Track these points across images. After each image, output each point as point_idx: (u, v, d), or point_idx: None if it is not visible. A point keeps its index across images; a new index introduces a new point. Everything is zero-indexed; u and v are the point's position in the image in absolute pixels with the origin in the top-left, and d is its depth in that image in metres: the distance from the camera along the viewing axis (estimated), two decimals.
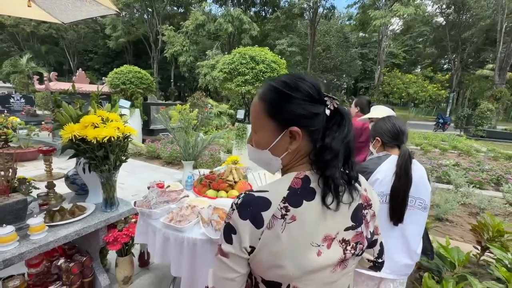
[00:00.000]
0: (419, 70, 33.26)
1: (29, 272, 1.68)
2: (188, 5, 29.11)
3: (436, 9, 26.66)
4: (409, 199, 1.26)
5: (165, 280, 2.10)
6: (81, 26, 29.04)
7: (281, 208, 0.54)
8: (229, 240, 0.56)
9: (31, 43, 28.15)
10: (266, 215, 0.54)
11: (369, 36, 28.97)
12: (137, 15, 27.92)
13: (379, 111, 2.26)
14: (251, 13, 24.30)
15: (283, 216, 0.54)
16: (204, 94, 10.17)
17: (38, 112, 13.76)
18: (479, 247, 2.45)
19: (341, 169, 0.58)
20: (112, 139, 1.55)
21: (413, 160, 1.29)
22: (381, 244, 0.76)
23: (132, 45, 30.52)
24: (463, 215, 3.62)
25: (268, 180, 2.10)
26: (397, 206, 1.26)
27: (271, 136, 0.60)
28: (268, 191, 0.57)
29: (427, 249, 1.58)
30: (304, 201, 0.55)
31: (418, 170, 1.34)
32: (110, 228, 1.82)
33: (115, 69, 6.75)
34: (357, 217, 0.62)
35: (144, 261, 2.22)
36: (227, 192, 1.82)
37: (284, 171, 0.65)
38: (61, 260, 1.76)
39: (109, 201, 1.74)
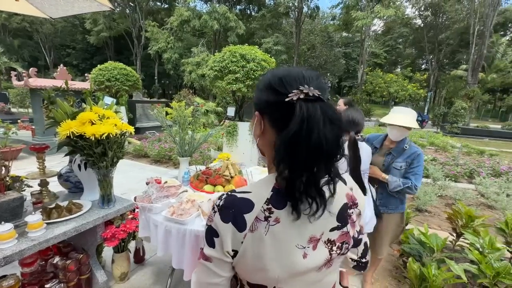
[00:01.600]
0: (399, 70, 34.62)
1: (23, 271, 1.65)
2: (172, 0, 28.48)
3: (415, 11, 27.77)
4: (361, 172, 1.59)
5: (161, 275, 2.13)
6: (57, 19, 27.61)
7: (264, 210, 0.52)
8: (211, 244, 0.54)
9: (2, 36, 26.46)
10: (249, 217, 0.52)
11: (352, 36, 29.72)
12: (118, 9, 26.95)
13: (391, 116, 1.97)
14: (237, 10, 24.19)
15: (266, 218, 0.52)
16: (191, 91, 10.06)
17: (13, 110, 13.04)
18: (454, 234, 2.67)
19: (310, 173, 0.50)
20: (111, 135, 1.56)
21: (359, 143, 1.64)
22: (365, 243, 0.73)
23: (113, 40, 29.46)
24: (440, 206, 3.89)
25: (255, 178, 2.17)
26: (355, 179, 1.49)
27: (253, 123, 0.61)
28: (251, 192, 0.55)
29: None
30: (288, 202, 0.52)
31: (364, 150, 1.73)
32: (107, 225, 1.83)
33: (98, 65, 6.55)
34: (343, 217, 0.59)
35: (139, 257, 2.23)
36: (224, 187, 1.88)
37: (269, 168, 0.62)
38: (57, 258, 1.74)
39: (106, 198, 1.74)
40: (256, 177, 2.18)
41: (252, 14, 26.56)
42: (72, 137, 1.49)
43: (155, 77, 28.31)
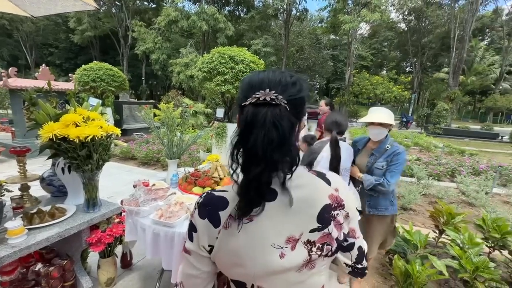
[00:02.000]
0: (385, 72, 35.60)
1: (3, 280, 1.59)
2: (159, 0, 28.08)
3: (399, 15, 28.65)
4: (341, 169, 1.74)
5: (149, 280, 2.09)
6: (39, 18, 26.59)
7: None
8: (190, 238, 0.58)
9: None
10: (223, 214, 0.55)
11: (339, 39, 30.29)
12: (104, 8, 26.30)
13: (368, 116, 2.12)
14: (225, 12, 24.14)
15: (240, 216, 0.53)
16: (179, 92, 9.94)
17: None
18: (437, 231, 2.77)
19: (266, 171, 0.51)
20: (96, 138, 1.53)
21: (341, 143, 1.76)
22: (359, 248, 0.69)
23: (99, 40, 28.69)
24: (424, 204, 4.02)
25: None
26: None
27: None
28: (228, 190, 0.58)
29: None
30: (265, 202, 0.54)
31: (344, 149, 1.82)
32: (93, 229, 1.78)
33: (83, 65, 6.36)
34: (324, 218, 0.58)
35: (127, 262, 2.19)
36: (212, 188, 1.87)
37: None
38: (39, 265, 1.68)
39: (92, 202, 1.70)
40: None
41: (241, 15, 26.59)
42: (55, 140, 1.45)
43: (143, 78, 27.79)
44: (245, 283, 0.57)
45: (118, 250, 2.16)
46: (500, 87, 26.70)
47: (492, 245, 2.52)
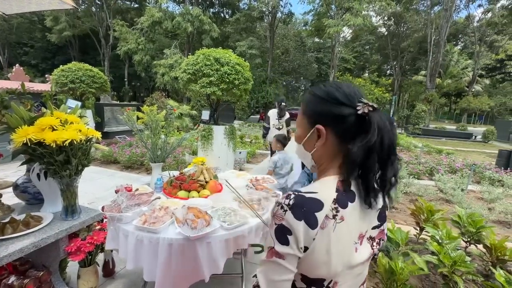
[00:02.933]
0: (367, 74, 36.71)
1: None
2: (142, 0, 27.50)
3: (379, 20, 29.71)
4: None
5: None
6: (12, 15, 25.20)
7: (332, 208, 0.57)
8: (284, 241, 0.57)
9: None
10: (320, 215, 0.56)
11: (323, 42, 30.94)
12: (83, 7, 25.38)
13: None
14: (210, 13, 24.01)
15: (334, 217, 0.57)
16: (164, 94, 9.76)
17: None
18: (418, 228, 2.88)
19: (375, 175, 0.60)
20: (74, 142, 1.46)
21: None
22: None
23: (78, 39, 27.65)
24: (405, 202, 4.17)
25: (232, 182, 2.16)
26: None
27: (304, 132, 0.69)
28: (317, 192, 0.59)
29: None
30: (348, 202, 0.60)
31: None
32: (72, 238, 1.70)
33: (61, 66, 6.09)
34: (382, 217, 0.68)
35: (109, 270, 2.10)
36: (198, 192, 1.84)
37: (320, 170, 0.69)
38: (12, 278, 1.58)
39: (70, 209, 1.62)
40: (232, 181, 2.18)
41: (226, 17, 26.55)
42: (29, 145, 1.38)
43: (125, 79, 27.05)
44: (325, 279, 0.60)
45: (100, 258, 2.08)
46: (473, 90, 28.28)
47: (468, 239, 2.66)
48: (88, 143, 1.62)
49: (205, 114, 4.11)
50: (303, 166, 1.74)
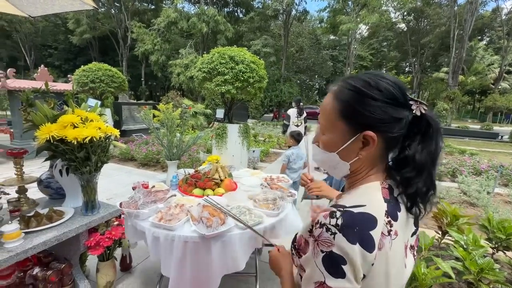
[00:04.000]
0: (385, 71, 35.52)
1: None
2: (159, 1, 28.10)
3: (398, 15, 28.69)
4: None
5: (149, 283, 2.06)
6: (38, 19, 26.59)
7: (386, 223, 0.48)
8: (339, 274, 0.45)
9: None
10: (375, 234, 0.46)
11: (339, 39, 30.32)
12: (103, 9, 26.30)
13: None
14: (224, 13, 24.16)
15: (389, 233, 0.48)
16: (179, 93, 9.92)
17: None
18: (440, 232, 2.74)
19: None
20: (94, 139, 1.50)
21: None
22: None
23: (98, 41, 28.68)
24: None
25: (245, 181, 2.14)
26: None
27: (342, 139, 0.55)
28: (365, 205, 0.49)
29: None
30: (398, 213, 0.51)
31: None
32: (91, 232, 1.75)
33: (82, 66, 6.33)
34: (417, 222, 0.61)
35: (126, 265, 2.15)
36: (213, 190, 1.84)
37: (352, 178, 0.60)
38: (37, 269, 1.65)
39: (90, 204, 1.67)
40: (246, 180, 2.16)
41: (240, 16, 26.60)
42: (52, 141, 1.42)
43: (142, 79, 27.78)
44: None
45: (118, 253, 2.13)
46: (500, 87, 26.72)
47: (496, 245, 2.50)
48: (107, 140, 1.65)
49: (220, 113, 4.13)
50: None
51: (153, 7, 28.79)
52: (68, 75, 6.41)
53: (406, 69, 38.54)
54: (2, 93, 12.11)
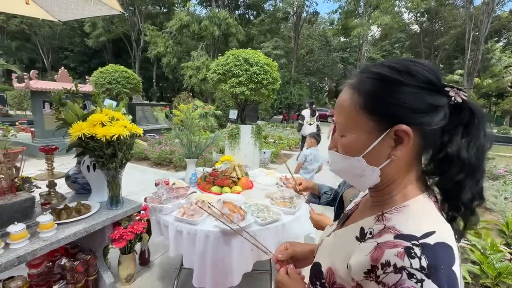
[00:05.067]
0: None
1: (30, 272, 1.66)
2: (171, 5, 28.66)
3: (412, 16, 28.23)
4: None
5: (167, 278, 2.13)
6: (56, 22, 27.54)
7: (458, 250, 0.40)
8: None
9: (0, 38, 26.39)
10: (457, 269, 0.37)
11: (349, 41, 30.06)
12: (117, 13, 27.01)
13: None
14: (236, 15, 24.42)
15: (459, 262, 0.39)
16: (190, 95, 10.09)
17: (10, 112, 12.98)
18: (456, 236, 2.70)
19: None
20: (121, 137, 1.58)
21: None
22: None
23: (112, 43, 29.48)
24: None
25: (260, 180, 2.16)
26: None
27: (367, 138, 0.45)
28: (434, 231, 0.39)
29: None
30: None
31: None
32: (115, 226, 1.84)
33: (99, 68, 6.57)
34: None
35: (145, 259, 2.23)
36: (230, 188, 1.90)
37: (383, 190, 0.49)
38: (64, 260, 1.75)
39: (115, 199, 1.76)
40: (262, 179, 2.21)
41: (251, 19, 26.81)
42: (83, 139, 1.51)
43: (153, 80, 28.34)
44: None
45: (137, 247, 2.21)
46: None
47: None
48: (132, 138, 1.74)
49: (233, 114, 4.20)
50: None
51: (165, 10, 29.37)
52: (86, 77, 6.65)
53: None
54: (23, 94, 12.64)
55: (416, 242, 0.38)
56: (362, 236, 0.47)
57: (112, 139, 1.54)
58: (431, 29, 27.58)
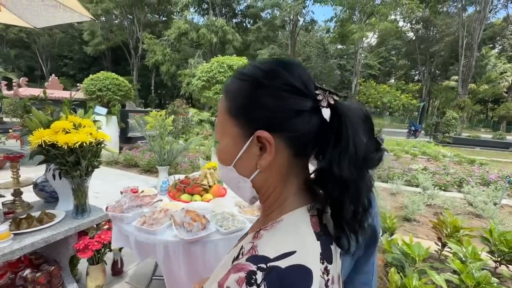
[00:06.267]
0: (393, 81, 35.35)
1: None
2: (169, 13, 29.09)
3: (406, 24, 28.66)
4: None
5: None
6: (55, 31, 27.95)
7: (322, 273, 0.34)
8: None
9: None
10: None
11: (346, 48, 30.43)
12: (116, 21, 27.42)
13: None
14: (233, 23, 24.77)
15: (326, 285, 0.34)
16: (185, 101, 10.12)
17: (5, 119, 12.98)
18: (439, 243, 2.65)
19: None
20: (84, 144, 1.55)
21: None
22: None
23: (110, 51, 29.77)
24: (429, 215, 3.88)
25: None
26: None
27: (234, 145, 0.42)
28: (295, 251, 0.33)
29: None
30: (330, 247, 0.38)
31: None
32: (81, 236, 1.79)
33: (91, 75, 6.59)
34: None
35: (117, 269, 2.17)
36: (201, 196, 1.86)
37: (266, 203, 0.45)
38: (27, 271, 1.69)
39: (80, 208, 1.72)
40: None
41: (248, 27, 27.18)
42: (44, 146, 1.49)
43: (152, 87, 28.51)
44: None
45: (110, 257, 2.16)
46: None
47: (499, 259, 2.40)
48: (98, 146, 1.71)
49: None
50: None
51: (164, 19, 29.78)
52: (78, 84, 6.67)
53: (416, 77, 38.12)
54: (18, 101, 12.65)
55: (263, 265, 0.32)
56: (237, 257, 0.41)
57: (75, 146, 1.51)
58: (427, 36, 27.98)
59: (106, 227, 1.91)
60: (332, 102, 0.37)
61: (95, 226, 1.85)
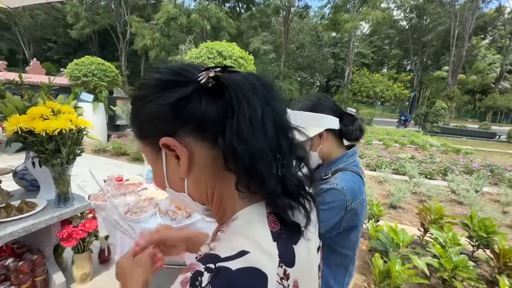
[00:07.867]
0: (386, 70, 35.48)
1: None
2: None
3: (400, 13, 28.48)
4: None
5: None
6: (37, 12, 26.48)
7: (281, 278, 0.32)
8: None
9: None
10: None
11: (340, 37, 30.14)
12: (102, 3, 26.14)
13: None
14: (226, 8, 24.02)
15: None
16: None
17: None
18: (422, 229, 2.75)
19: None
20: (64, 131, 1.49)
21: None
22: None
23: (97, 35, 28.55)
24: (414, 202, 4.00)
25: None
26: None
27: (157, 166, 0.41)
28: (249, 251, 0.30)
29: None
30: (293, 246, 0.35)
31: None
32: (65, 224, 1.76)
33: (75, 60, 6.32)
34: (320, 235, 0.46)
35: (104, 257, 2.16)
36: None
37: (214, 209, 0.41)
38: (9, 260, 1.66)
39: (63, 197, 1.67)
40: None
41: (241, 12, 26.45)
42: (20, 133, 1.42)
43: (142, 73, 27.70)
44: None
45: (96, 245, 2.14)
46: (500, 86, 26.60)
47: (477, 244, 2.51)
48: (79, 133, 1.65)
49: None
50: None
51: (153, 1, 28.58)
52: (61, 69, 6.40)
53: (408, 67, 38.36)
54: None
55: (212, 265, 0.29)
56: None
57: (54, 133, 1.45)
58: (419, 26, 27.95)
59: (90, 215, 1.87)
60: (212, 74, 0.34)
61: (79, 214, 1.81)
